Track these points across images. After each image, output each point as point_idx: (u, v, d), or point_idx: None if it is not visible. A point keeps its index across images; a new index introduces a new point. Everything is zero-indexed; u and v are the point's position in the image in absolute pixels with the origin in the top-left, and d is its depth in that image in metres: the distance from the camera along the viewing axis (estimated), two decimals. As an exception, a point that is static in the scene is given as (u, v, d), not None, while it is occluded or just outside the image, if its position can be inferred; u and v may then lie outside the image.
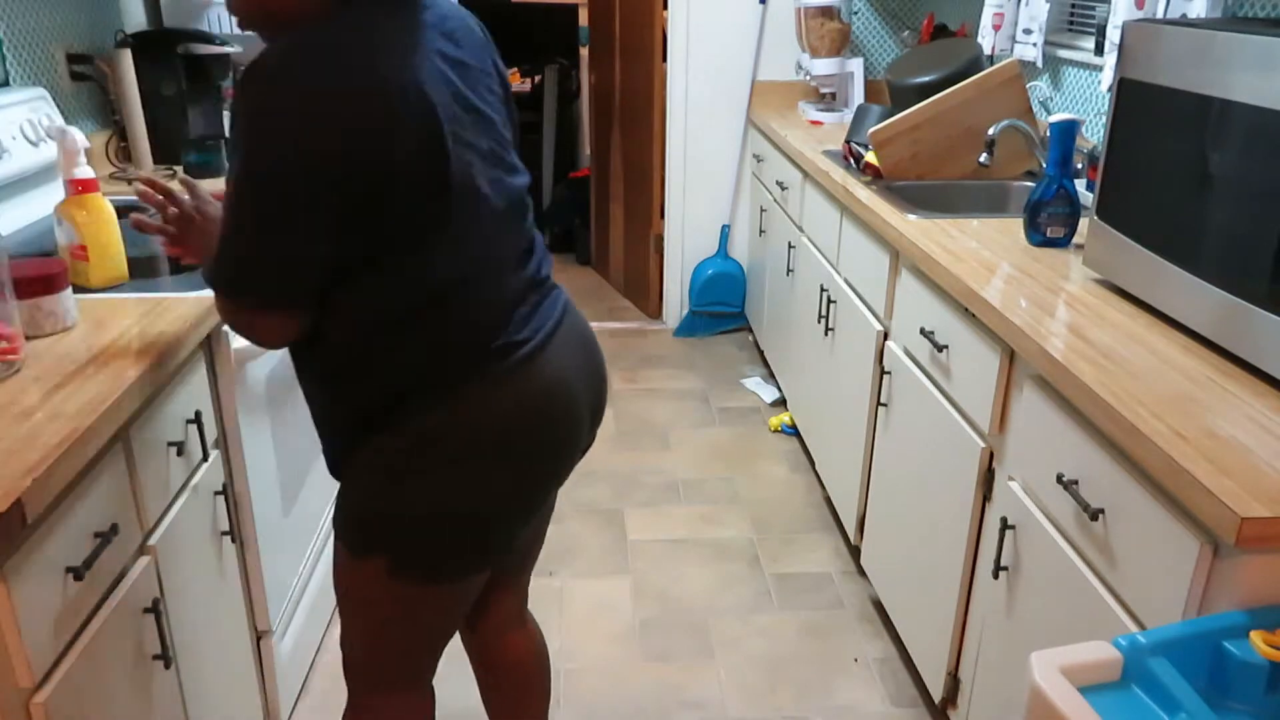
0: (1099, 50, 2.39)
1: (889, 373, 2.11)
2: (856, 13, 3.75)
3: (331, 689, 2.05)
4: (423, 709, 1.42)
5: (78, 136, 1.49)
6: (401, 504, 1.20)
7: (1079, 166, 2.23)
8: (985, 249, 1.86)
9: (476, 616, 1.54)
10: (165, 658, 1.33)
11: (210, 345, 1.57)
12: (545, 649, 1.63)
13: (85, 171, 1.51)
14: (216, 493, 1.58)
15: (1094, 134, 2.52)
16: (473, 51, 1.21)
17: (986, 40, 2.84)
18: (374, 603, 1.29)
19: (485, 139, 1.18)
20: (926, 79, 2.66)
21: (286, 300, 1.12)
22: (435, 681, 1.50)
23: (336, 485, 2.30)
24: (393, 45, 1.08)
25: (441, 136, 1.09)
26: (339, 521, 1.28)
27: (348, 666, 1.40)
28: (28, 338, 1.33)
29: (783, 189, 3.19)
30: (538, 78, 5.20)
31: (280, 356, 1.86)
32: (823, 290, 2.64)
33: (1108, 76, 2.25)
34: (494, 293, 1.19)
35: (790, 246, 3.06)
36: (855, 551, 2.52)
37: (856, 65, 3.45)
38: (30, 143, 2.02)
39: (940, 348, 1.82)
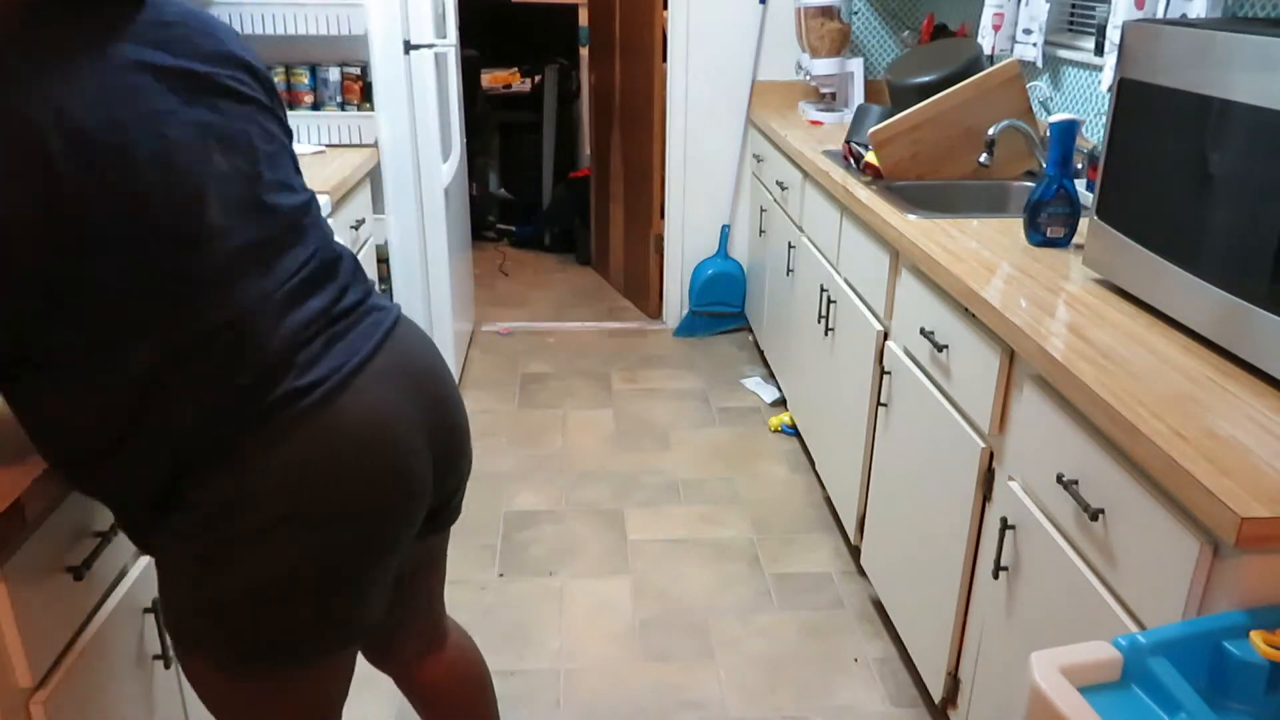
0: (1099, 50, 2.39)
1: (889, 373, 2.11)
2: (856, 13, 3.75)
3: (331, 689, 2.05)
4: None
5: None
6: (206, 589, 1.05)
7: (1079, 166, 2.23)
8: (985, 249, 1.86)
9: (381, 656, 1.43)
10: (165, 658, 1.33)
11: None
12: (473, 659, 1.50)
13: None
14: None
15: (1094, 134, 2.52)
16: (203, 59, 1.04)
17: (986, 40, 2.84)
18: (227, 702, 1.14)
19: (228, 159, 1.02)
20: (926, 79, 2.66)
21: None
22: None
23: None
24: (71, 62, 0.91)
25: (130, 167, 0.92)
26: (160, 612, 1.14)
27: None
28: None
29: (783, 189, 3.19)
30: (538, 78, 5.20)
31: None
32: (823, 290, 2.64)
33: (1108, 76, 2.25)
34: (261, 338, 1.01)
35: (790, 246, 3.06)
36: (855, 551, 2.52)
37: (856, 65, 3.45)
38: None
39: (940, 348, 1.82)
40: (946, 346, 1.80)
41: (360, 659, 1.41)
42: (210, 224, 0.98)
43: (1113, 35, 2.17)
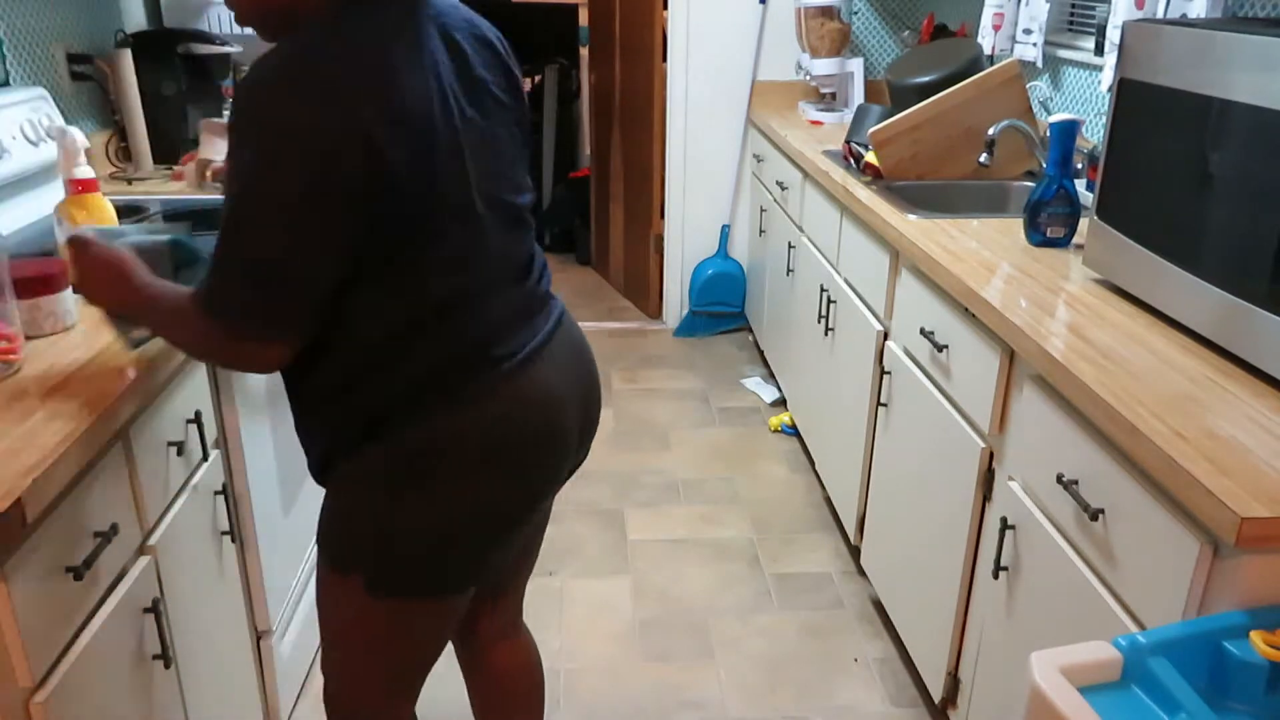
0: (1099, 50, 2.39)
1: (889, 373, 2.11)
2: (856, 13, 3.75)
3: (331, 689, 2.05)
4: None
5: (78, 136, 1.49)
6: (393, 517, 1.16)
7: (1079, 166, 2.23)
8: (985, 249, 1.86)
9: (466, 626, 1.51)
10: (165, 658, 1.33)
11: (210, 345, 1.57)
12: (538, 661, 1.59)
13: (85, 171, 1.50)
14: (216, 493, 1.58)
15: (1094, 134, 2.52)
16: (480, 60, 1.18)
17: (986, 40, 2.84)
18: (358, 622, 1.25)
19: (484, 156, 1.16)
20: (926, 79, 2.66)
21: (292, 328, 1.08)
22: (431, 686, 1.49)
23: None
24: (389, 55, 1.05)
25: (432, 152, 1.07)
26: (325, 535, 1.23)
27: (330, 693, 1.35)
28: (28, 338, 1.33)
29: (783, 189, 3.19)
30: (538, 78, 5.20)
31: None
32: (823, 290, 2.64)
33: (1108, 76, 2.25)
34: (490, 308, 1.17)
35: (790, 246, 3.06)
36: (855, 551, 2.52)
37: (856, 65, 3.45)
38: (30, 143, 2.02)
39: (940, 348, 1.82)
40: (946, 346, 1.80)
41: None
42: (476, 210, 1.14)
43: (1113, 35, 2.17)
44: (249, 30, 1.16)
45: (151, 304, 1.15)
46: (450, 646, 1.59)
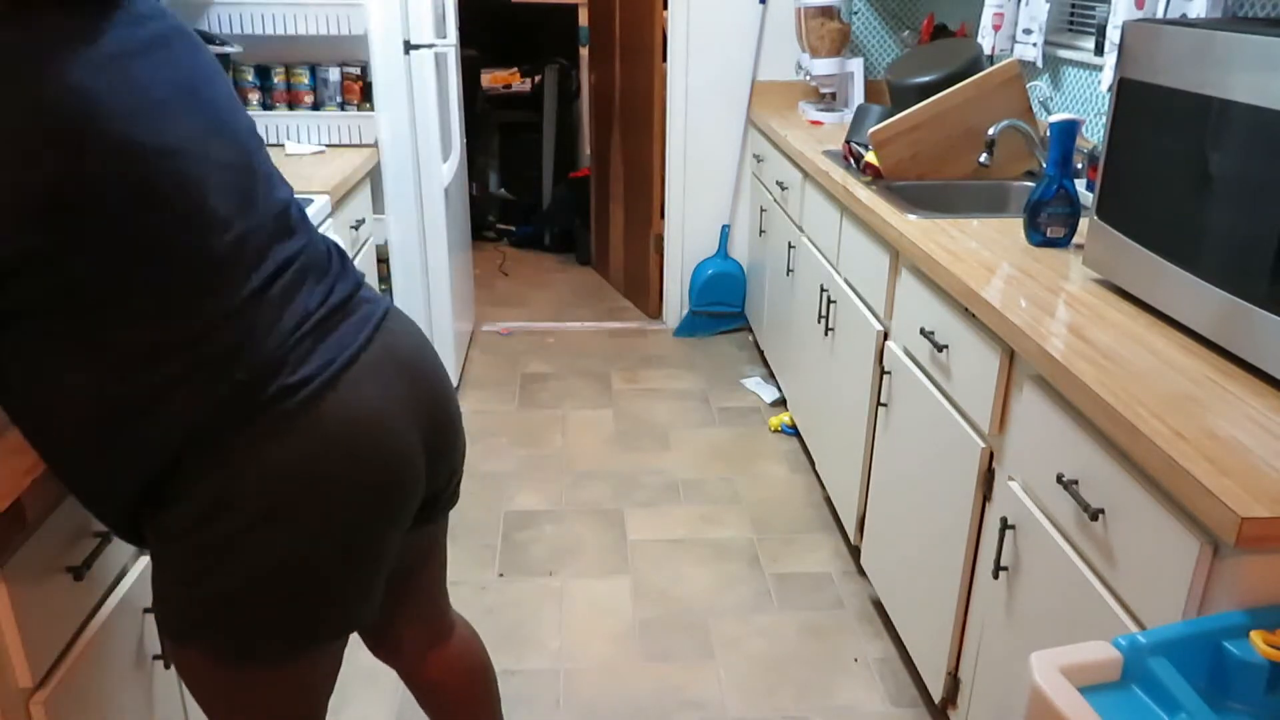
0: (1099, 50, 2.39)
1: (889, 373, 2.11)
2: (856, 13, 3.75)
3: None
4: None
5: None
6: (201, 582, 1.04)
7: (1079, 166, 2.23)
8: (985, 249, 1.86)
9: (388, 647, 1.43)
10: (165, 658, 1.33)
11: (210, 345, 1.57)
12: (478, 653, 1.50)
13: None
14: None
15: (1094, 134, 2.52)
16: (190, 56, 1.07)
17: (986, 40, 2.84)
18: (212, 697, 1.15)
19: (223, 152, 1.04)
20: (926, 79, 2.66)
21: None
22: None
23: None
24: (72, 51, 0.92)
25: (134, 160, 0.94)
26: (154, 603, 1.11)
27: None
28: None
29: (783, 189, 3.19)
30: (538, 78, 5.20)
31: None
32: (823, 290, 2.64)
33: (1108, 76, 2.25)
34: (255, 332, 1.01)
35: (790, 246, 3.06)
36: (855, 551, 2.52)
37: (856, 65, 3.45)
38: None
39: (940, 348, 1.82)
40: (946, 346, 1.80)
41: (366, 653, 1.43)
42: (211, 212, 1.00)
43: (1113, 35, 2.17)
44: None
45: None
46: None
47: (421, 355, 1.20)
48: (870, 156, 2.47)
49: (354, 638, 1.26)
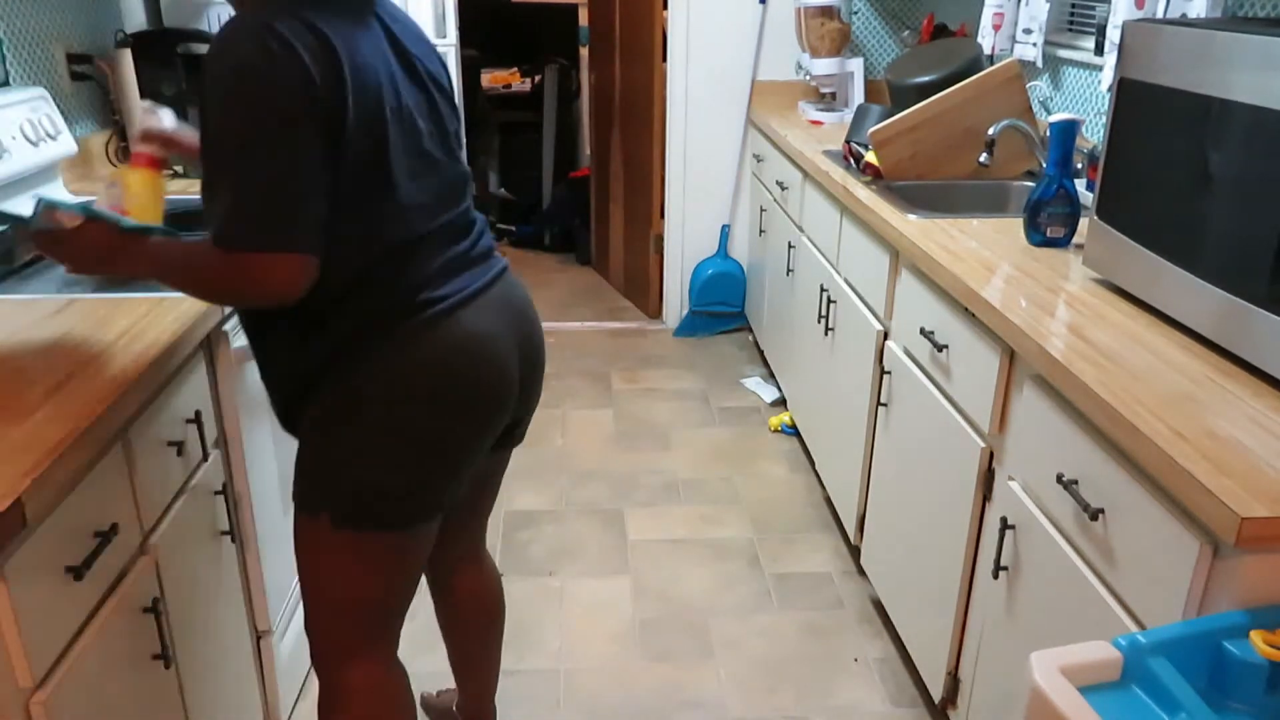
0: (1099, 50, 2.39)
1: (889, 373, 2.11)
2: (856, 13, 3.75)
3: (331, 689, 2.05)
4: (391, 684, 1.45)
5: (166, 115, 1.52)
6: (338, 456, 1.30)
7: (1079, 166, 2.23)
8: (985, 249, 1.86)
9: (433, 555, 1.63)
10: (165, 658, 1.33)
11: (210, 345, 1.57)
12: (498, 588, 1.76)
13: (154, 150, 1.51)
14: (216, 493, 1.58)
15: (1094, 134, 2.52)
16: (417, 46, 1.35)
17: (986, 40, 2.84)
18: (328, 563, 1.36)
19: (427, 122, 1.32)
20: (926, 79, 2.66)
21: (298, 237, 1.18)
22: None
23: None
24: (343, 23, 1.21)
25: (382, 106, 1.22)
26: (295, 480, 1.35)
27: (314, 647, 1.43)
28: None
29: (783, 189, 3.19)
30: (538, 78, 5.20)
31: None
32: (823, 290, 2.64)
33: (1108, 76, 2.25)
34: (425, 261, 1.30)
35: (790, 246, 3.06)
36: (855, 551, 2.52)
37: (856, 65, 3.45)
38: (30, 143, 2.02)
39: (940, 348, 1.82)
40: (946, 346, 1.80)
41: None
42: (425, 157, 1.31)
43: (1113, 35, 2.17)
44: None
45: (153, 261, 1.27)
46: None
47: (526, 305, 1.48)
48: (870, 156, 2.47)
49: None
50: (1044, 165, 2.02)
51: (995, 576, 1.59)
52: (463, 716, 1.84)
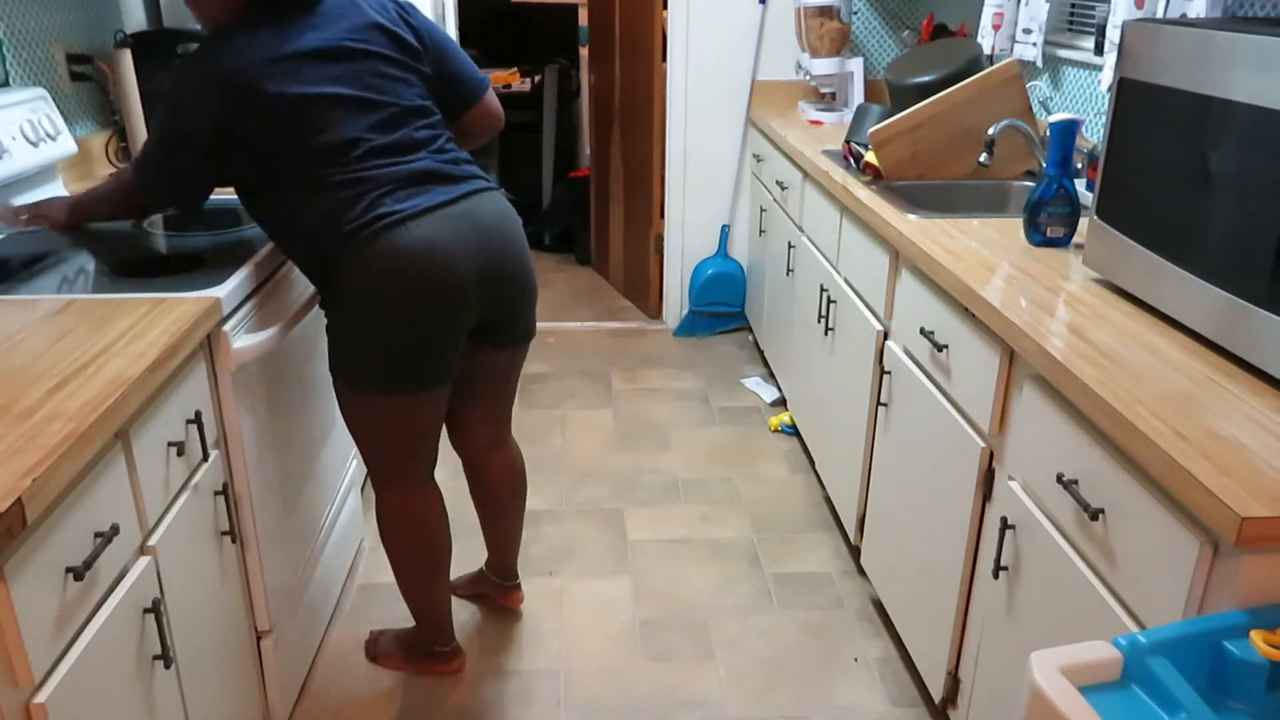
0: (1099, 50, 2.39)
1: (889, 373, 2.11)
2: (856, 13, 3.75)
3: (331, 689, 2.05)
4: (423, 497, 1.92)
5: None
6: (339, 337, 1.72)
7: (1079, 166, 2.24)
8: (985, 249, 1.86)
9: (460, 439, 2.08)
10: (165, 658, 1.33)
11: (210, 345, 1.57)
12: (521, 468, 2.16)
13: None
14: (216, 493, 1.58)
15: (1094, 134, 2.52)
16: (347, 27, 1.70)
17: (986, 40, 2.84)
18: (356, 415, 1.80)
19: (348, 86, 1.66)
20: (926, 79, 2.66)
21: (169, 197, 1.75)
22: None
23: (334, 484, 2.31)
24: (259, 45, 1.61)
25: (278, 110, 1.60)
26: (329, 361, 1.79)
27: (369, 473, 1.90)
28: None
29: (783, 189, 3.19)
30: (538, 78, 5.20)
31: (280, 357, 1.86)
32: (823, 290, 2.64)
33: (1108, 76, 2.25)
34: (366, 183, 1.65)
35: (790, 246, 3.06)
36: (855, 551, 2.52)
37: (856, 65, 3.45)
38: (30, 143, 2.02)
39: (940, 347, 1.82)
40: (946, 346, 1.80)
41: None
42: (347, 136, 1.64)
43: (1113, 35, 2.17)
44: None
45: (101, 201, 1.80)
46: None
47: (500, 222, 1.79)
48: (870, 156, 2.47)
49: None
50: (1044, 165, 2.02)
51: (995, 576, 1.59)
52: (490, 571, 2.28)
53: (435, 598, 2.00)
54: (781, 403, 3.38)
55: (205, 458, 1.53)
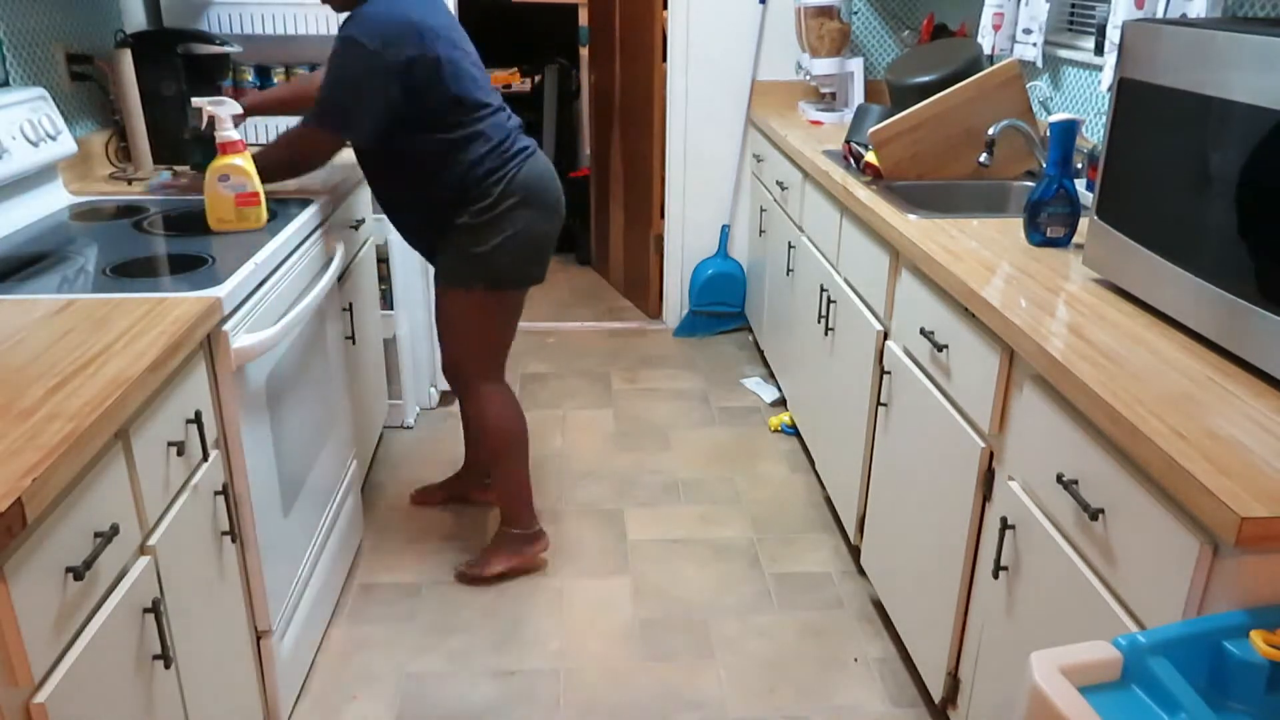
0: (1099, 50, 2.39)
1: (889, 373, 2.11)
2: (856, 13, 3.75)
3: (332, 689, 2.05)
4: (509, 394, 2.36)
5: (232, 105, 2.06)
6: (485, 246, 2.15)
7: (1079, 166, 2.23)
8: (985, 249, 1.86)
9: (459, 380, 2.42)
10: (165, 658, 1.33)
11: (210, 345, 1.57)
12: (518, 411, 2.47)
13: (237, 134, 1.93)
14: (216, 493, 1.58)
15: (1094, 134, 2.52)
16: (445, 11, 2.14)
17: (986, 40, 2.84)
18: (475, 316, 2.24)
19: (477, 67, 2.14)
20: (926, 79, 2.66)
21: (351, 134, 2.08)
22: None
23: (333, 485, 2.31)
24: (416, 6, 2.03)
25: (437, 48, 2.03)
26: (444, 272, 2.23)
27: (449, 367, 2.35)
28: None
29: (783, 189, 3.19)
30: (538, 78, 5.20)
31: (278, 357, 1.85)
32: (823, 290, 2.64)
33: (1108, 76, 2.25)
34: (507, 132, 2.17)
35: (790, 246, 3.06)
36: (855, 551, 2.52)
37: (856, 65, 3.45)
38: (30, 142, 2.02)
39: (940, 347, 1.82)
40: (946, 346, 1.80)
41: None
42: (481, 92, 2.13)
43: (1113, 35, 2.17)
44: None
45: (270, 152, 2.09)
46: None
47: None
48: (870, 156, 2.47)
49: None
50: (1044, 165, 2.02)
51: (995, 576, 1.59)
52: (467, 470, 2.72)
53: (527, 476, 2.41)
54: (781, 403, 3.38)
55: (205, 458, 1.53)
